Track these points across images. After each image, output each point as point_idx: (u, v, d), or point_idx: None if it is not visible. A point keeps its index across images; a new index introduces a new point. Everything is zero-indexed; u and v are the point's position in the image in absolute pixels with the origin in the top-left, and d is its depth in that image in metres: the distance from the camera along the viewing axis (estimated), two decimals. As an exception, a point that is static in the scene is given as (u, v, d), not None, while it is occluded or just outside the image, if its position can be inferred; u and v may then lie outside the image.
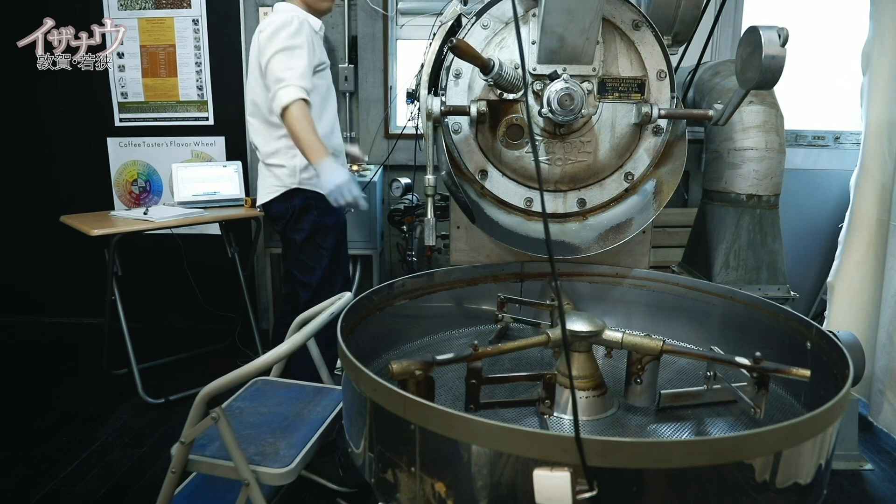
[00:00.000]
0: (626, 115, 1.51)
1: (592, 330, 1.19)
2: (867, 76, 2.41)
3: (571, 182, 1.57)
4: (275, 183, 2.09)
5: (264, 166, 2.14)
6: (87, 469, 2.16)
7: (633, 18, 1.51)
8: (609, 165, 1.55)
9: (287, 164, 2.07)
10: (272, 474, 1.25)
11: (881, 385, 2.34)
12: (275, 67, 1.93)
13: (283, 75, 1.91)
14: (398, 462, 0.96)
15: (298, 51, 1.94)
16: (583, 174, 1.56)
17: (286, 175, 2.08)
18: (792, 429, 0.85)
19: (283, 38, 1.93)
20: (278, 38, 1.93)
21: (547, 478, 0.79)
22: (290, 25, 1.94)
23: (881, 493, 2.08)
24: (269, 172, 2.12)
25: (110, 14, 3.14)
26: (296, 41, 1.94)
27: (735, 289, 1.48)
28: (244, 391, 1.59)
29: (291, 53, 1.93)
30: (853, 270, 2.48)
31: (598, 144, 1.52)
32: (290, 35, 1.94)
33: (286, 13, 2.00)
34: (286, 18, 1.96)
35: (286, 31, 1.94)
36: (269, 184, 2.12)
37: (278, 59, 1.92)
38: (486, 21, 1.53)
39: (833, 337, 1.18)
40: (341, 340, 1.11)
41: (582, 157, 1.54)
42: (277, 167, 2.08)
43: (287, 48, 1.93)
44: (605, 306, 1.61)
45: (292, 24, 1.94)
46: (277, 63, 1.92)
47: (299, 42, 1.94)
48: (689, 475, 0.81)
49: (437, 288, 1.54)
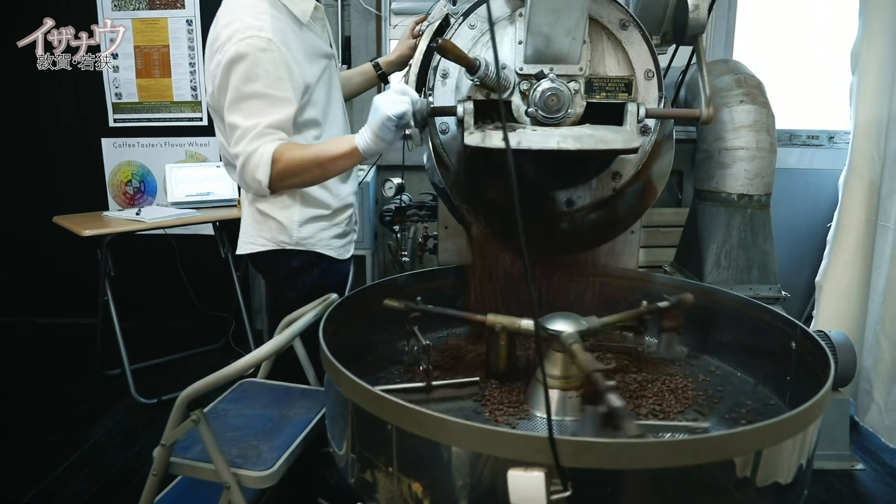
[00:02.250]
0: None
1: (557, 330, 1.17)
2: (856, 75, 2.41)
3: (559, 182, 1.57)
4: (264, 236, 1.56)
5: (248, 203, 1.58)
6: (78, 469, 2.16)
7: (620, 18, 1.51)
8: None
9: (279, 218, 1.53)
10: (253, 477, 1.25)
11: (867, 385, 2.34)
12: (231, 124, 1.40)
13: (240, 148, 1.38)
14: (376, 462, 0.96)
15: (258, 101, 1.37)
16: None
17: (277, 231, 1.54)
18: (770, 429, 0.85)
19: (237, 81, 1.36)
20: (232, 81, 1.36)
21: (521, 478, 0.79)
22: (244, 59, 1.34)
23: (872, 493, 2.08)
24: (255, 217, 1.56)
25: (104, 15, 3.15)
26: (254, 86, 1.35)
27: (720, 288, 1.48)
28: (230, 393, 1.59)
29: (250, 105, 1.37)
30: (841, 270, 2.49)
31: (586, 144, 1.52)
32: (245, 76, 1.35)
33: (243, 15, 1.38)
34: (241, 40, 1.34)
35: (241, 67, 1.34)
36: (254, 232, 1.57)
37: (234, 117, 1.38)
38: (473, 21, 1.52)
39: (816, 337, 1.18)
40: (323, 341, 1.11)
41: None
42: (266, 217, 1.54)
43: (242, 97, 1.36)
44: (589, 306, 1.60)
45: (248, 54, 1.34)
46: (233, 119, 1.39)
47: (259, 88, 1.36)
48: (666, 475, 0.82)
49: (425, 288, 1.54)
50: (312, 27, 1.56)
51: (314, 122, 1.54)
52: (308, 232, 1.57)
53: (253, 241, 1.58)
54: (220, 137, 1.53)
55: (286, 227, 1.55)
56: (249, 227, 1.59)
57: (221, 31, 1.39)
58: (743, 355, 1.37)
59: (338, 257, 1.65)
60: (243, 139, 1.37)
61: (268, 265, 1.62)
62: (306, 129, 1.51)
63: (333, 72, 1.64)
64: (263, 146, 1.36)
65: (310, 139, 1.52)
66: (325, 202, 1.59)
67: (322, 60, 1.56)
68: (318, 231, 1.59)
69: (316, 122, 1.54)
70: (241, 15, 1.38)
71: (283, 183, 1.41)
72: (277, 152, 1.36)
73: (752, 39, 3.21)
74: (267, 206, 1.54)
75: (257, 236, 1.57)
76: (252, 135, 1.36)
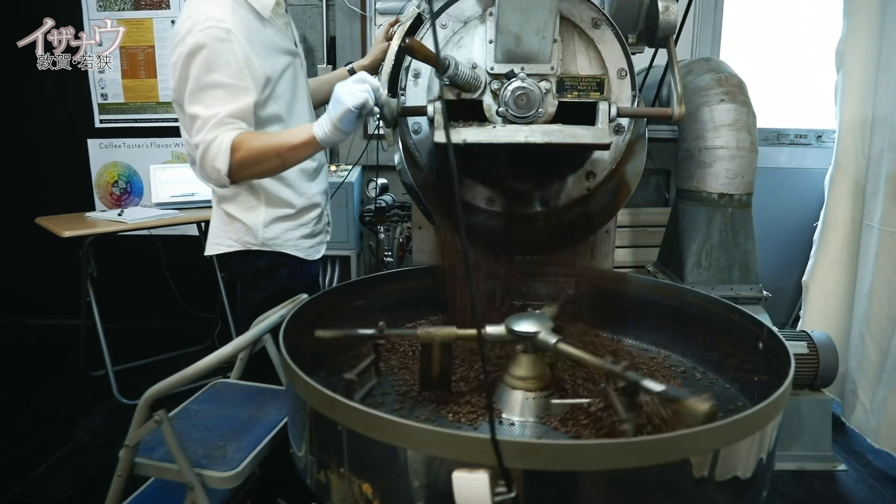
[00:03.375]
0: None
1: (527, 331, 1.16)
2: (841, 74, 2.40)
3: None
4: (231, 237, 1.57)
5: (215, 204, 1.60)
6: (57, 470, 2.16)
7: (592, 16, 1.50)
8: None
9: (244, 220, 1.54)
10: (217, 478, 1.24)
11: (853, 385, 2.33)
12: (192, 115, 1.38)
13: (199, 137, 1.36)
14: (329, 463, 0.95)
15: (218, 91, 1.36)
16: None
17: (244, 232, 1.55)
18: (719, 430, 0.84)
19: (197, 71, 1.35)
20: (192, 72, 1.36)
21: (465, 479, 0.78)
22: (203, 49, 1.34)
23: (853, 494, 2.07)
24: (222, 218, 1.58)
25: (89, 16, 3.14)
26: (214, 76, 1.35)
27: (690, 287, 1.47)
28: (202, 393, 1.59)
29: (210, 96, 1.36)
30: (828, 270, 2.48)
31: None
32: (204, 66, 1.34)
33: (203, 7, 1.38)
34: (201, 31, 1.35)
35: (200, 57, 1.34)
36: (221, 233, 1.59)
37: (194, 107, 1.37)
38: (444, 20, 1.52)
39: (781, 337, 1.17)
40: (282, 342, 1.11)
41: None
42: (232, 218, 1.56)
43: (202, 87, 1.36)
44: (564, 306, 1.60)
45: (207, 45, 1.34)
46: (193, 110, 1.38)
47: (219, 78, 1.35)
48: (618, 476, 0.81)
49: (396, 289, 1.53)
50: (275, 23, 1.55)
51: (277, 118, 1.53)
52: (273, 232, 1.57)
53: (220, 242, 1.59)
54: (182, 131, 1.52)
55: (251, 229, 1.55)
56: (217, 228, 1.60)
57: (182, 23, 1.39)
58: (712, 356, 1.36)
59: (306, 258, 1.64)
60: (203, 128, 1.36)
61: (236, 266, 1.63)
62: (269, 125, 1.50)
63: (299, 70, 1.63)
64: (222, 135, 1.35)
65: (281, 123, 1.52)
66: (290, 201, 1.58)
67: (285, 56, 1.55)
68: (283, 231, 1.58)
69: (279, 117, 1.53)
70: (201, 7, 1.39)
71: (242, 172, 1.39)
72: (237, 141, 1.35)
73: (739, 39, 3.20)
74: (232, 207, 1.55)
75: (224, 237, 1.58)
76: (212, 124, 1.35)
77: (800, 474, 2.15)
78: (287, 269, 1.61)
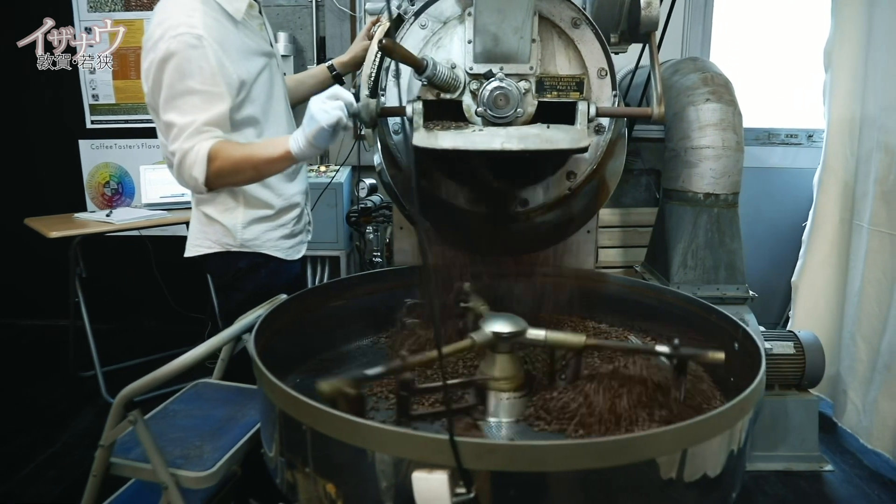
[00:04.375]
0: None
1: (515, 330, 1.18)
2: (829, 73, 2.40)
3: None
4: (210, 238, 1.57)
5: (194, 205, 1.60)
6: (43, 471, 2.16)
7: (572, 16, 1.49)
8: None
9: (223, 221, 1.54)
10: (192, 478, 1.24)
11: (844, 385, 2.32)
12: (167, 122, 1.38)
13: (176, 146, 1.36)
14: (296, 463, 0.95)
15: (193, 98, 1.36)
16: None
17: (222, 233, 1.55)
18: (682, 431, 0.84)
19: (170, 79, 1.34)
20: (165, 79, 1.35)
21: (425, 480, 0.78)
22: (175, 56, 1.32)
23: (839, 494, 2.06)
24: (201, 219, 1.58)
25: (80, 16, 3.15)
26: (187, 83, 1.34)
27: (669, 287, 1.47)
28: (183, 394, 1.59)
29: (185, 102, 1.35)
30: (817, 270, 2.47)
31: (539, 143, 1.51)
32: (178, 73, 1.33)
33: (174, 13, 1.37)
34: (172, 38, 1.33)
35: (172, 64, 1.33)
36: (200, 234, 1.59)
37: (170, 115, 1.37)
38: (424, 21, 1.51)
39: (755, 337, 1.17)
40: (253, 342, 1.11)
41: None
42: (211, 220, 1.56)
43: (177, 95, 1.35)
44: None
45: (178, 52, 1.32)
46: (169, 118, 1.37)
47: (193, 85, 1.34)
48: (581, 477, 0.81)
49: (373, 290, 1.53)
50: (248, 25, 1.55)
51: (253, 120, 1.52)
52: (252, 234, 1.57)
53: (199, 244, 1.60)
54: (159, 134, 1.52)
55: (230, 230, 1.56)
56: (196, 229, 1.60)
57: (154, 30, 1.39)
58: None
59: (286, 258, 1.64)
60: (179, 137, 1.36)
61: (215, 267, 1.63)
62: (245, 127, 1.50)
63: (275, 71, 1.62)
64: (199, 143, 1.36)
65: (250, 136, 1.51)
66: (269, 202, 1.58)
67: (260, 58, 1.55)
68: (263, 232, 1.59)
69: (255, 119, 1.53)
70: (172, 13, 1.38)
71: (219, 181, 1.40)
72: (213, 150, 1.36)
73: (731, 39, 3.19)
74: (211, 209, 1.56)
75: (204, 239, 1.59)
76: (188, 132, 1.36)
77: (786, 474, 2.14)
78: (267, 269, 1.61)
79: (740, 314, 2.14)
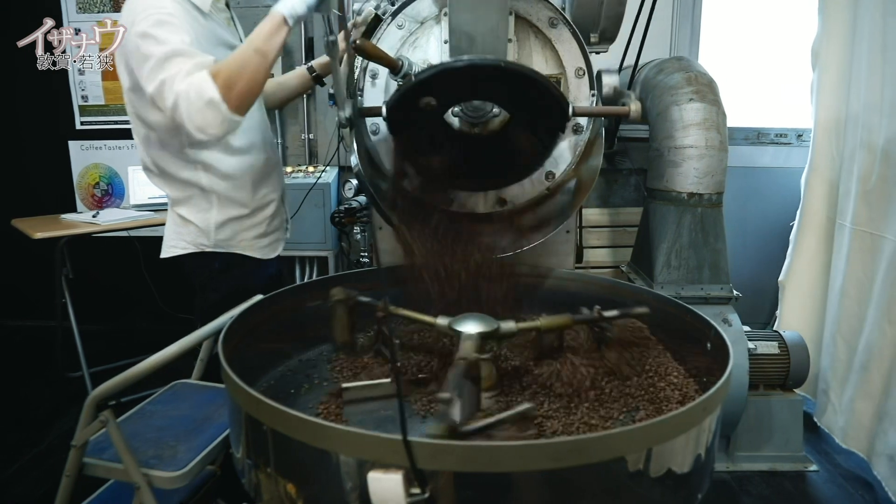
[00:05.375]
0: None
1: (487, 330, 1.17)
2: (816, 73, 2.40)
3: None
4: (185, 239, 1.59)
5: (169, 207, 1.62)
6: (27, 471, 2.16)
7: (549, 16, 1.50)
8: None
9: (197, 222, 1.56)
10: (164, 478, 1.25)
11: (825, 385, 2.32)
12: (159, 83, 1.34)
13: (175, 90, 1.32)
14: (259, 463, 0.95)
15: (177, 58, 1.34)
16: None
17: (197, 234, 1.57)
18: (640, 432, 0.84)
19: (148, 50, 1.34)
20: (145, 50, 1.35)
21: (379, 480, 0.78)
22: (152, 32, 1.34)
23: (822, 494, 2.06)
24: (176, 220, 1.60)
25: (69, 17, 3.15)
26: (168, 47, 1.34)
27: (646, 287, 1.47)
28: (161, 394, 1.59)
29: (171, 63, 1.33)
30: (804, 269, 2.47)
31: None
32: (156, 42, 1.34)
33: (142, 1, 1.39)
34: (144, 19, 1.36)
35: (150, 39, 1.35)
36: (176, 234, 1.60)
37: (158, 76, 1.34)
38: (401, 21, 1.52)
39: (724, 337, 1.16)
40: (221, 343, 1.11)
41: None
42: (186, 221, 1.58)
43: (162, 60, 1.34)
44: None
45: (153, 28, 1.34)
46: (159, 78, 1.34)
47: (174, 46, 1.34)
48: (537, 478, 0.80)
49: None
50: (215, 18, 1.56)
51: None
52: (226, 234, 1.59)
53: (175, 245, 1.61)
54: (139, 141, 1.57)
55: (204, 231, 1.57)
56: (171, 230, 1.62)
57: (125, 18, 1.41)
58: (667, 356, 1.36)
59: (261, 257, 1.65)
60: (174, 84, 1.31)
61: (190, 268, 1.63)
62: None
63: None
64: (195, 75, 1.31)
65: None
66: (243, 201, 1.59)
67: (228, 50, 1.53)
68: (237, 232, 1.60)
69: None
70: (140, 1, 1.39)
71: (235, 91, 1.31)
72: (212, 71, 1.32)
73: (721, 38, 3.19)
74: (185, 210, 1.58)
75: (179, 240, 1.60)
76: (181, 76, 1.31)
77: (770, 475, 2.14)
78: (241, 270, 1.62)
79: (724, 314, 2.14)
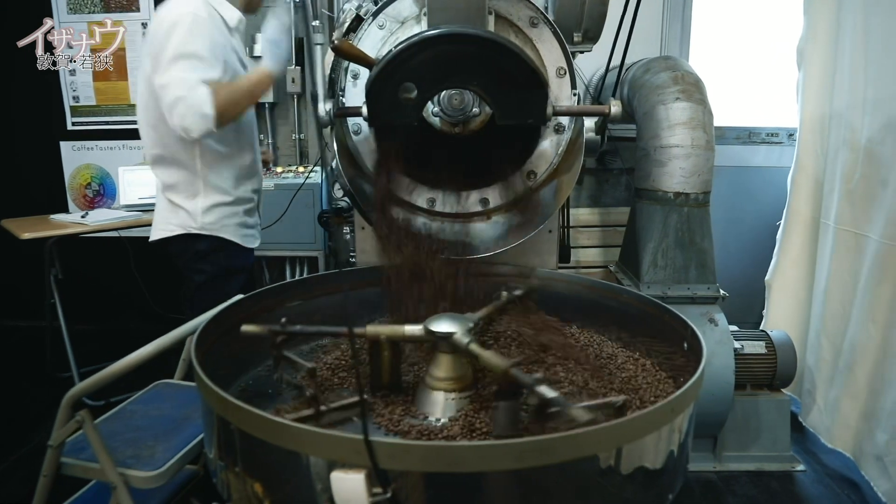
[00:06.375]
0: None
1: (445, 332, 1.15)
2: (802, 72, 2.40)
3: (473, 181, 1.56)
4: (173, 222, 1.77)
5: (160, 193, 1.81)
6: (14, 472, 2.16)
7: (529, 15, 1.49)
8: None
9: (186, 207, 1.74)
10: (141, 477, 1.25)
11: (809, 385, 2.31)
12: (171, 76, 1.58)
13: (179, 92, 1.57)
14: (228, 463, 0.95)
15: (195, 61, 1.59)
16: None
17: (185, 217, 1.75)
18: (606, 431, 0.83)
19: (177, 39, 1.57)
20: (173, 40, 1.57)
21: (342, 480, 0.78)
22: (182, 21, 1.58)
23: (809, 494, 2.06)
24: (166, 205, 1.79)
25: (59, 18, 3.15)
26: (191, 47, 1.58)
27: (627, 287, 1.47)
28: (143, 394, 1.59)
29: (188, 63, 1.58)
30: (790, 269, 2.46)
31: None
32: (185, 34, 1.57)
33: (177, 4, 1.62)
34: (179, 13, 1.59)
35: (181, 28, 1.57)
36: (164, 218, 1.79)
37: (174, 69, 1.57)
38: (382, 21, 1.52)
39: (700, 337, 1.16)
40: (194, 342, 1.10)
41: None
42: (175, 206, 1.76)
43: (181, 56, 1.58)
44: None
45: (185, 19, 1.58)
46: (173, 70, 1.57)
47: (196, 49, 1.58)
48: (512, 477, 0.80)
49: (329, 291, 1.52)
50: (236, 34, 1.79)
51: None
52: (212, 218, 1.75)
53: (163, 228, 1.78)
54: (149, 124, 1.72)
55: (192, 214, 1.74)
56: (160, 215, 1.80)
57: (163, 17, 1.62)
58: (646, 356, 1.36)
59: (242, 244, 1.81)
60: (180, 87, 1.55)
61: (177, 249, 1.80)
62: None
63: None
64: (199, 89, 1.56)
65: (227, 132, 1.71)
66: (227, 190, 1.77)
67: (237, 63, 1.77)
68: (222, 217, 1.76)
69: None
70: (176, 3, 1.63)
71: (225, 115, 1.60)
72: (213, 89, 1.58)
73: (711, 38, 3.19)
74: (175, 195, 1.76)
75: (167, 223, 1.77)
76: (189, 84, 1.56)
77: (757, 475, 2.14)
78: (225, 252, 1.78)
79: (710, 314, 2.13)
